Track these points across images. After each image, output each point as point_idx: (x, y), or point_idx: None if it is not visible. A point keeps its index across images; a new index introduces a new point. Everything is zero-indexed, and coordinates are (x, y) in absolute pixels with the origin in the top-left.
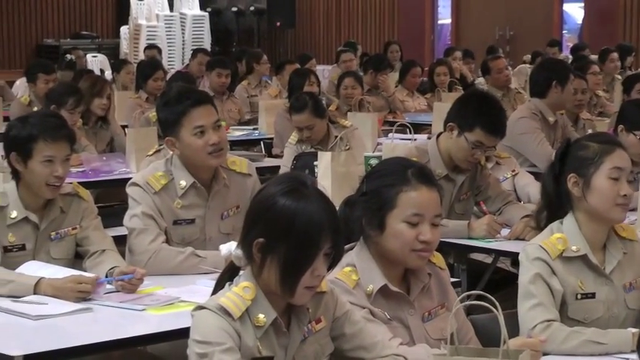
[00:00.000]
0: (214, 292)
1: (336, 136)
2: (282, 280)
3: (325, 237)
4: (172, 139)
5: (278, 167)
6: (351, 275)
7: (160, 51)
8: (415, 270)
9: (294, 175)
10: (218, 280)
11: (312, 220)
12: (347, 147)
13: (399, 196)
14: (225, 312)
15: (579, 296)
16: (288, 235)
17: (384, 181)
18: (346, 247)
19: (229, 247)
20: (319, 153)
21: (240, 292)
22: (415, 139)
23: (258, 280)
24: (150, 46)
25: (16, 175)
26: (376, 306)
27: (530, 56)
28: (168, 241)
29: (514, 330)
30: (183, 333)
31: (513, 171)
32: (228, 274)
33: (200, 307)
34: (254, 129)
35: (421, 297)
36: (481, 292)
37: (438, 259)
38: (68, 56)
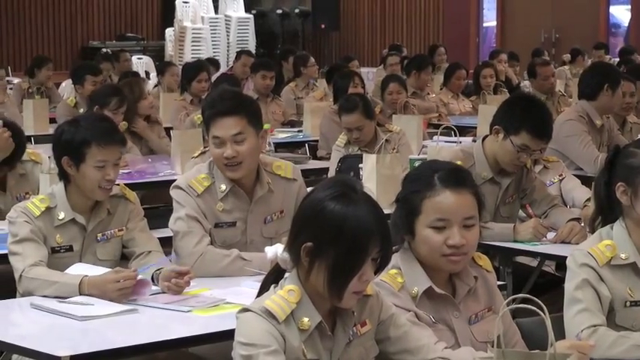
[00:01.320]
0: (259, 294)
1: (385, 140)
2: (330, 284)
3: (374, 242)
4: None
5: (323, 169)
6: (396, 278)
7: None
8: (460, 272)
9: (343, 180)
10: (263, 282)
11: (360, 226)
12: (395, 150)
13: (424, 203)
14: (270, 315)
15: (628, 304)
16: (337, 240)
17: (412, 187)
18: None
19: (275, 250)
20: (364, 155)
21: (285, 295)
22: (460, 142)
23: (303, 284)
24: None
25: (64, 177)
26: (421, 308)
27: (569, 55)
28: (211, 243)
29: (560, 334)
30: (228, 335)
31: (560, 175)
32: (273, 277)
33: (245, 310)
34: (299, 131)
35: (467, 299)
36: (527, 296)
37: (485, 261)
38: (104, 50)
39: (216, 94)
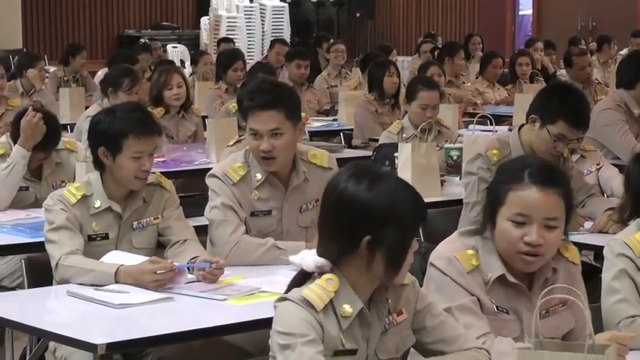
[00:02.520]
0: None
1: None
2: (390, 266)
3: (416, 212)
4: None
5: (359, 158)
6: (471, 259)
7: (234, 43)
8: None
9: (361, 166)
10: (290, 285)
11: (405, 201)
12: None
13: (508, 195)
14: (308, 304)
15: None
16: (391, 223)
17: (501, 178)
18: (471, 228)
19: (301, 258)
20: (400, 144)
21: (324, 284)
22: (496, 131)
23: (343, 273)
24: (224, 39)
25: (99, 166)
26: (492, 295)
27: (595, 44)
28: (246, 232)
29: (598, 325)
30: (263, 323)
31: (598, 164)
32: (298, 283)
33: (283, 299)
34: (333, 120)
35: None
36: (565, 285)
37: (572, 253)
38: (142, 40)
39: (254, 85)
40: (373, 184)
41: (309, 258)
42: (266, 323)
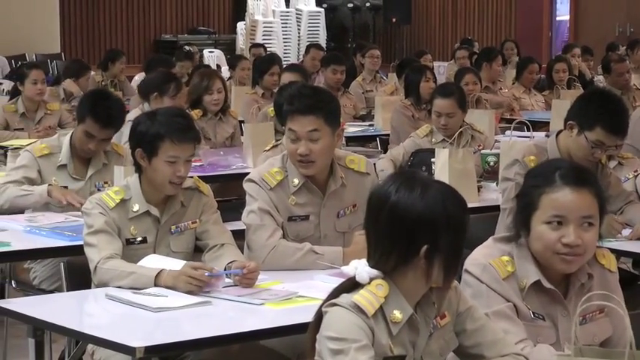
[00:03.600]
0: (327, 300)
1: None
2: (447, 271)
3: (467, 213)
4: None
5: None
6: (507, 266)
7: (265, 49)
8: (576, 271)
9: (407, 175)
10: (334, 291)
11: (455, 203)
12: (481, 147)
13: (541, 198)
14: (359, 309)
15: None
16: (446, 226)
17: (532, 182)
18: (506, 235)
19: (355, 269)
20: (436, 150)
21: (374, 289)
22: (533, 137)
23: (393, 279)
24: (255, 45)
25: (139, 169)
26: (528, 301)
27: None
28: (284, 237)
29: (636, 333)
30: (300, 328)
31: (636, 171)
32: (347, 289)
33: (332, 304)
34: (370, 125)
35: (578, 298)
36: (605, 292)
37: (608, 260)
38: (186, 47)
39: (295, 90)
40: (424, 192)
41: (362, 270)
42: (303, 328)
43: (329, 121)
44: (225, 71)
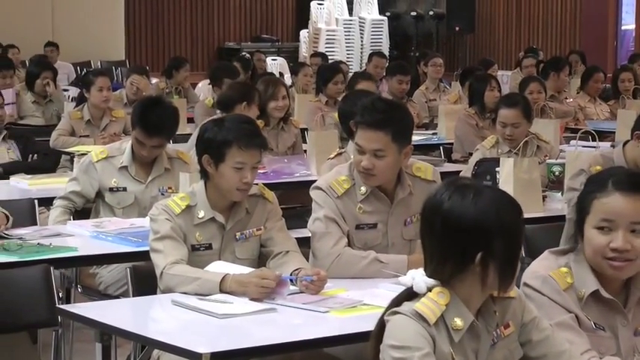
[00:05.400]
0: (388, 308)
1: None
2: (503, 277)
3: (522, 218)
4: None
5: (459, 173)
6: (566, 277)
7: (324, 57)
8: (635, 279)
9: (459, 183)
10: (395, 299)
11: (509, 209)
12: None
13: (593, 203)
14: (420, 317)
15: None
16: (500, 232)
17: (587, 189)
18: (562, 248)
19: (412, 279)
20: (501, 159)
21: (435, 297)
22: (598, 147)
23: (453, 287)
24: (316, 53)
25: (205, 175)
26: (587, 312)
27: None
28: (350, 245)
29: None
30: (364, 336)
31: None
32: (407, 298)
33: (394, 312)
34: (433, 134)
35: (638, 308)
36: None
37: None
38: (245, 54)
39: (369, 102)
40: (477, 199)
41: (420, 279)
42: (367, 336)
43: (397, 138)
44: (287, 79)
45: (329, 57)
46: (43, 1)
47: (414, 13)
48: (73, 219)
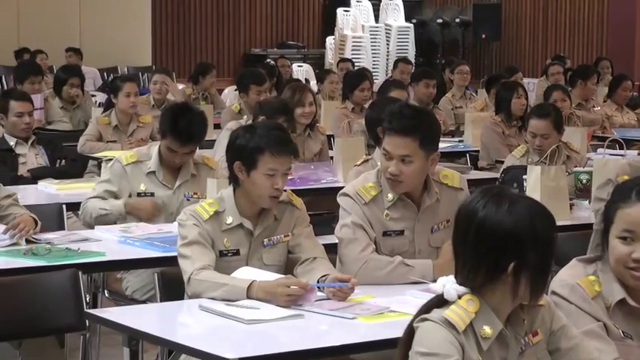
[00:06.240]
0: (417, 315)
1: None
2: (535, 287)
3: (554, 228)
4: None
5: (485, 180)
6: (594, 285)
7: (352, 63)
8: None
9: (494, 191)
10: (424, 306)
11: (543, 218)
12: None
13: (617, 213)
14: (449, 325)
15: None
16: (534, 242)
17: (612, 198)
18: (590, 256)
19: (443, 286)
20: (529, 167)
21: (464, 304)
22: (626, 155)
23: (483, 295)
24: (343, 59)
25: (234, 181)
26: (614, 320)
27: None
28: (377, 252)
29: None
30: (391, 343)
31: None
32: (437, 305)
33: (423, 319)
34: (459, 141)
35: None
36: None
37: None
38: (270, 61)
39: (397, 108)
40: (512, 208)
41: (450, 287)
42: (394, 343)
43: (424, 145)
44: (313, 85)
45: (354, 64)
46: (71, 8)
47: (440, 21)
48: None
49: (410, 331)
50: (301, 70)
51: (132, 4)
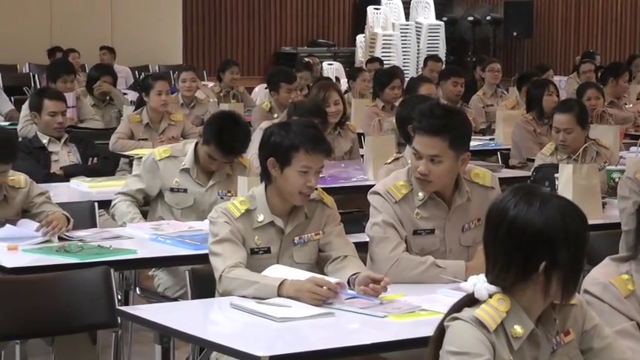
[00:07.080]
0: (448, 314)
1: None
2: (566, 287)
3: (587, 226)
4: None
5: (516, 178)
6: (627, 284)
7: (381, 62)
8: None
9: (526, 189)
10: (455, 305)
11: (575, 217)
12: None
13: None
14: (480, 324)
15: None
16: (565, 242)
17: None
18: (623, 255)
19: (474, 285)
20: (560, 165)
21: (495, 304)
22: None
23: (514, 295)
24: (372, 59)
25: (267, 179)
26: None
27: None
28: (407, 251)
29: None
30: (422, 342)
31: None
32: (468, 304)
33: (454, 318)
34: (490, 139)
35: None
36: None
37: None
38: (305, 59)
39: (427, 107)
40: (543, 208)
41: (481, 286)
42: (425, 342)
43: (454, 144)
44: (344, 83)
45: (385, 62)
46: (102, 7)
47: (471, 18)
48: None
49: (441, 330)
50: (331, 69)
51: (163, 3)
